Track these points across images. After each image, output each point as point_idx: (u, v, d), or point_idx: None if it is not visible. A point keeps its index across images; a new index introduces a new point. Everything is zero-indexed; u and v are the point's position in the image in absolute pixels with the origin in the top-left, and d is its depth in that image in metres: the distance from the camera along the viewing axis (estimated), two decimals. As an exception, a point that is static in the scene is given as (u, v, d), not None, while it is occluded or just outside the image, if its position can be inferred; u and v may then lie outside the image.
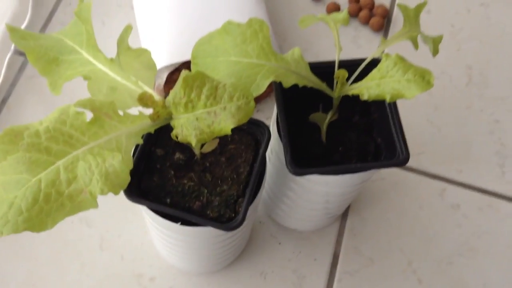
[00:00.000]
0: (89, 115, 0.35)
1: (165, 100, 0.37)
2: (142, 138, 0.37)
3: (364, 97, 0.39)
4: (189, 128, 0.35)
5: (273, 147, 0.45)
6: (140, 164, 0.40)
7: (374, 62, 0.42)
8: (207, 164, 0.41)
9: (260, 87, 0.39)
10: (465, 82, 0.68)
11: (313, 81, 0.41)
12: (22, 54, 0.66)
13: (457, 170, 0.63)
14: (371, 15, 0.71)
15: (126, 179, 0.35)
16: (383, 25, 0.70)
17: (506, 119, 0.66)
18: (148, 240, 0.56)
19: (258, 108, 0.64)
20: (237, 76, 0.39)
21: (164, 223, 0.38)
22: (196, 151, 0.40)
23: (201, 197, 0.39)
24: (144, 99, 0.37)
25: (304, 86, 0.42)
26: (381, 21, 0.70)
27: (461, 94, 0.68)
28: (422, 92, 0.37)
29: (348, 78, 0.42)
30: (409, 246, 0.58)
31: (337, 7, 0.71)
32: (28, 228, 0.33)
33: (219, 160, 0.41)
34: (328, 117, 0.44)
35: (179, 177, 0.40)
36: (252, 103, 0.35)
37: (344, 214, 0.60)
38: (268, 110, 0.64)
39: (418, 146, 0.64)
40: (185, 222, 0.38)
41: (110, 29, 0.66)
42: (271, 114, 0.64)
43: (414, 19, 0.45)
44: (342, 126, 0.46)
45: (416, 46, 0.44)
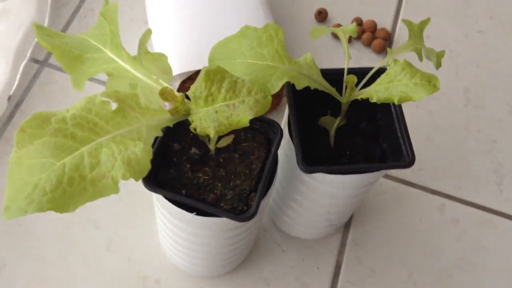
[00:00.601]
0: (113, 106, 0.36)
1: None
2: (162, 131, 0.38)
3: (373, 100, 0.41)
4: (208, 121, 0.37)
5: (284, 149, 0.47)
6: (158, 157, 0.41)
7: (381, 71, 0.45)
8: (221, 160, 0.42)
9: (275, 87, 0.41)
10: (463, 104, 0.71)
11: (324, 85, 0.44)
12: (37, 62, 0.69)
13: (456, 187, 0.65)
14: (374, 38, 0.74)
15: (147, 166, 0.36)
16: (385, 47, 0.73)
17: (503, 140, 0.68)
18: (155, 243, 0.57)
19: (264, 121, 0.66)
20: (253, 77, 0.41)
21: (179, 213, 0.40)
22: (211, 146, 0.42)
23: (215, 190, 0.41)
24: (165, 94, 0.39)
25: (314, 93, 0.45)
26: (383, 44, 0.73)
27: (460, 115, 0.70)
28: (429, 95, 0.39)
29: (357, 85, 0.44)
30: (410, 258, 0.60)
31: (342, 30, 0.75)
32: (52, 208, 0.34)
33: (233, 157, 0.43)
34: (337, 122, 0.46)
35: (195, 171, 0.41)
36: (269, 97, 0.37)
37: (347, 225, 0.61)
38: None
39: (419, 162, 0.66)
40: (199, 214, 0.40)
41: (124, 43, 0.69)
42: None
43: (418, 34, 0.48)
44: (350, 132, 0.48)
45: (420, 58, 0.46)
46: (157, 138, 0.41)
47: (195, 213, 0.39)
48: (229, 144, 0.43)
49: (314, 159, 0.45)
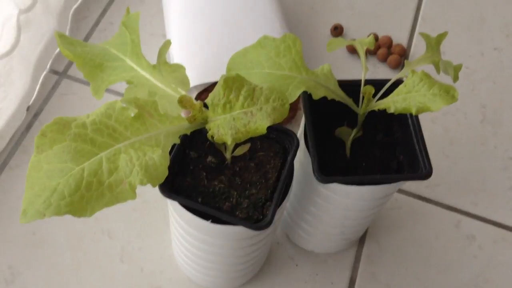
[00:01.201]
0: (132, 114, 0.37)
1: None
2: (179, 139, 0.39)
3: (391, 110, 0.41)
4: (226, 128, 0.37)
5: (300, 160, 0.47)
6: (175, 164, 0.41)
7: (398, 83, 0.45)
8: (237, 169, 0.42)
9: (292, 96, 0.41)
10: (480, 120, 0.71)
11: (341, 96, 0.44)
12: (57, 73, 0.70)
13: (473, 203, 0.64)
14: (389, 53, 0.74)
15: (164, 173, 0.36)
16: (400, 63, 0.73)
17: (520, 157, 0.68)
18: (168, 254, 0.57)
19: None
20: (271, 85, 0.41)
21: (194, 220, 0.40)
22: (228, 155, 0.42)
23: (231, 199, 0.41)
24: (184, 102, 0.39)
25: (331, 104, 0.45)
26: (399, 59, 0.73)
27: (476, 131, 0.70)
28: (447, 105, 0.39)
29: (374, 96, 0.44)
30: (426, 275, 0.59)
31: (357, 45, 0.75)
32: (70, 212, 0.34)
33: (249, 166, 0.43)
34: (353, 133, 0.46)
35: (210, 179, 0.41)
36: (287, 105, 0.37)
37: (361, 240, 0.60)
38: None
39: (435, 178, 0.65)
40: (214, 222, 0.40)
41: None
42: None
43: (436, 47, 0.48)
44: (366, 143, 0.48)
45: (438, 70, 0.46)
46: (175, 146, 0.42)
47: (210, 221, 0.39)
48: (245, 153, 0.43)
49: (330, 170, 0.45)
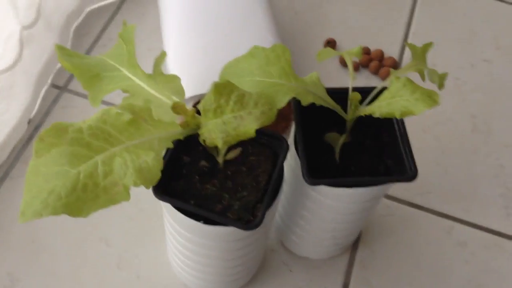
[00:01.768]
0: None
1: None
2: (173, 143, 0.40)
3: (376, 115, 0.42)
4: (217, 132, 0.39)
5: (290, 165, 0.49)
6: (168, 168, 0.43)
7: (384, 90, 0.46)
8: (229, 173, 0.44)
9: (281, 102, 0.43)
10: (470, 129, 0.72)
11: (329, 102, 0.45)
12: (57, 87, 0.72)
13: (464, 210, 0.65)
14: (381, 66, 0.76)
15: (157, 175, 0.38)
16: (392, 75, 0.75)
17: (510, 165, 0.69)
18: (164, 261, 0.58)
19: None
20: (259, 90, 0.43)
21: (187, 222, 0.41)
22: (220, 159, 0.43)
23: (223, 201, 0.42)
24: (177, 108, 0.41)
25: (320, 111, 0.46)
26: (390, 71, 0.75)
27: (467, 140, 0.71)
28: (429, 109, 0.40)
29: (361, 103, 0.46)
30: (418, 280, 0.60)
31: (350, 58, 0.77)
32: (66, 212, 0.36)
33: (240, 170, 0.44)
34: (342, 139, 0.48)
35: (203, 183, 0.43)
36: (275, 109, 0.39)
37: (354, 246, 0.61)
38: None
39: (427, 186, 0.67)
40: (207, 223, 0.41)
41: (139, 70, 0.72)
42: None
43: (421, 56, 0.50)
44: (355, 149, 0.49)
45: (423, 78, 0.48)
46: (168, 150, 0.43)
47: (202, 222, 0.41)
48: (237, 158, 0.44)
49: (320, 174, 0.46)
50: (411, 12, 0.85)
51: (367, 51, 0.78)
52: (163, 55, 0.48)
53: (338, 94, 0.47)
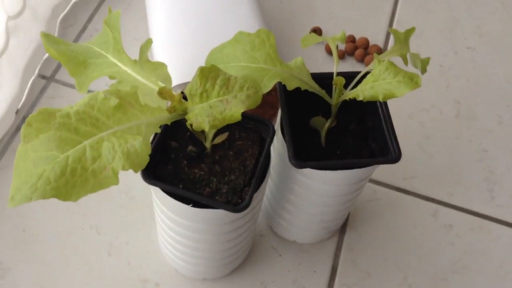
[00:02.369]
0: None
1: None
2: (160, 128, 0.41)
3: (360, 98, 0.43)
4: (203, 116, 0.40)
5: (277, 150, 0.49)
6: (156, 153, 0.43)
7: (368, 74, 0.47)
8: (217, 157, 0.45)
9: (267, 87, 0.43)
10: (454, 115, 0.73)
11: (313, 87, 0.46)
12: (45, 78, 0.72)
13: (449, 194, 0.66)
14: (366, 54, 0.77)
15: (145, 159, 0.38)
16: (378, 62, 0.76)
17: (494, 149, 0.70)
18: (155, 248, 0.59)
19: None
20: (245, 74, 0.43)
21: (176, 205, 0.42)
22: (207, 144, 0.44)
23: (211, 185, 0.43)
24: (163, 93, 0.42)
25: (306, 96, 0.47)
26: (376, 59, 0.76)
27: (451, 126, 0.72)
28: (411, 91, 0.41)
29: (346, 88, 0.47)
30: (405, 262, 0.61)
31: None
32: (55, 196, 0.36)
33: (228, 154, 0.45)
34: (327, 123, 0.49)
35: (191, 167, 0.44)
36: (260, 92, 0.39)
37: (342, 230, 0.62)
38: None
39: (411, 171, 0.68)
40: (196, 206, 0.42)
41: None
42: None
43: (404, 41, 0.50)
44: (340, 133, 0.50)
45: (406, 62, 0.49)
46: (156, 135, 0.44)
47: (191, 205, 0.41)
48: (224, 143, 0.45)
49: (306, 158, 0.47)
50: (395, 1, 0.86)
51: (353, 39, 0.79)
52: (149, 42, 0.48)
53: (323, 79, 0.48)
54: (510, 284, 0.60)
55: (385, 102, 0.49)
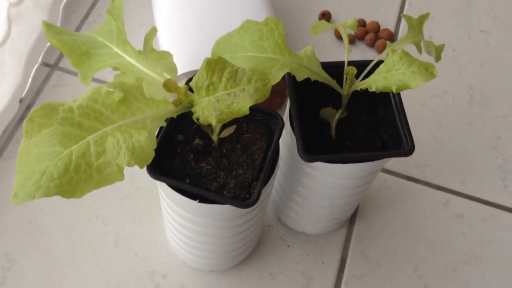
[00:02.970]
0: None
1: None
2: (166, 122, 0.40)
3: (372, 89, 0.42)
4: (210, 109, 0.38)
5: (286, 142, 0.48)
6: (162, 147, 0.42)
7: (380, 64, 0.46)
8: (224, 151, 0.43)
9: (275, 78, 0.42)
10: (467, 101, 0.72)
11: (324, 77, 0.45)
12: (48, 65, 0.71)
13: (461, 182, 0.65)
14: (377, 38, 0.75)
15: (151, 154, 0.37)
16: (388, 47, 0.74)
17: (507, 136, 0.69)
18: (162, 239, 0.58)
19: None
20: (253, 66, 0.42)
21: (183, 201, 0.41)
22: (214, 137, 0.43)
23: (218, 179, 0.42)
24: (169, 85, 0.40)
25: (315, 86, 0.46)
26: (386, 44, 0.74)
27: (464, 112, 0.71)
28: (426, 82, 0.40)
29: (357, 77, 0.45)
30: (415, 253, 0.60)
31: (345, 31, 0.76)
32: (59, 193, 0.35)
33: (235, 147, 0.44)
34: (338, 114, 0.47)
35: (198, 161, 0.42)
36: (269, 85, 0.38)
37: (352, 220, 0.61)
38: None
39: (423, 159, 0.66)
40: (203, 202, 0.41)
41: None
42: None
43: (418, 28, 0.49)
44: (351, 124, 0.49)
45: (420, 50, 0.47)
46: (162, 129, 0.43)
47: (198, 201, 0.40)
48: (232, 135, 0.44)
49: (316, 151, 0.46)
50: (407, -18, 0.84)
51: (363, 23, 0.77)
52: (154, 31, 0.47)
53: (334, 69, 0.47)
54: (523, 275, 0.59)
55: (398, 93, 0.48)
